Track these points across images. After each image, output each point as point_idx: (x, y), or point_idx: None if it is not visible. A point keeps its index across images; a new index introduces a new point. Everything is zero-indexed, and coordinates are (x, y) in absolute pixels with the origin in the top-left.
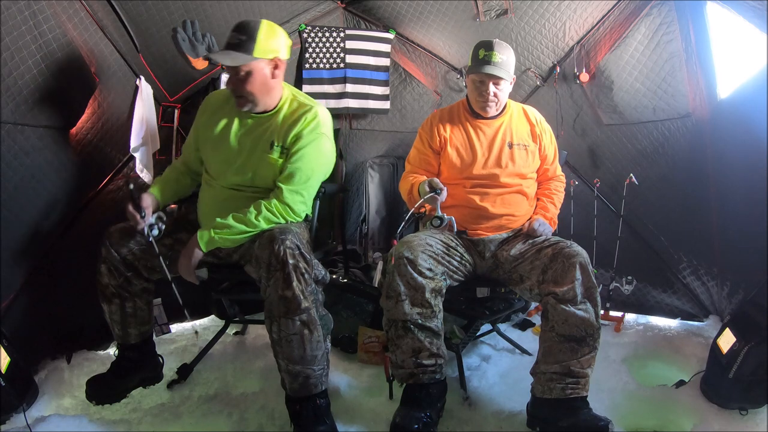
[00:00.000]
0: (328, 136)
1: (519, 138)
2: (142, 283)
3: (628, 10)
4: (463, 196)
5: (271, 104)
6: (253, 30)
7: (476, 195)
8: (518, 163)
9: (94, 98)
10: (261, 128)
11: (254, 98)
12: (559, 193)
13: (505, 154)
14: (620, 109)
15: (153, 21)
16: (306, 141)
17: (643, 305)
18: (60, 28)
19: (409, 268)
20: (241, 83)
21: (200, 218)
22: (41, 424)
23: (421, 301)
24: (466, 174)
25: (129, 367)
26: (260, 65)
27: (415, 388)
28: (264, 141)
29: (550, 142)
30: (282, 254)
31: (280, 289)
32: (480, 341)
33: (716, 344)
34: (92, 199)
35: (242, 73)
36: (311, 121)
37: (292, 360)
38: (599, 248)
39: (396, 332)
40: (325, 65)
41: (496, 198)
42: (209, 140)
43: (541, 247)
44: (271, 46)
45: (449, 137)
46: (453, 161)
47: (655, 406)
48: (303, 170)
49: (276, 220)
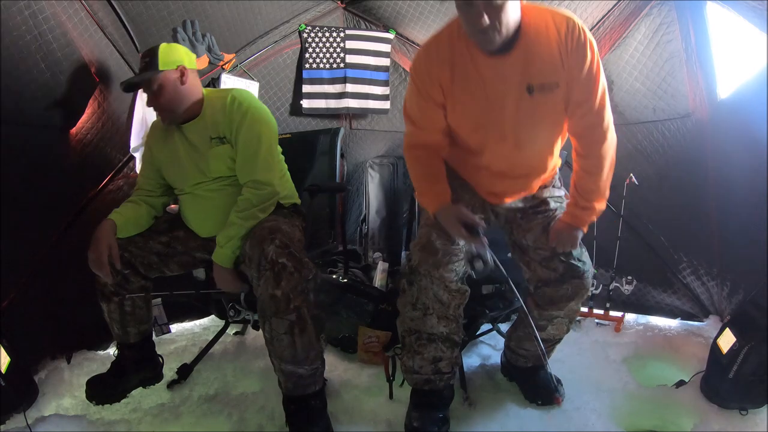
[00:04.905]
0: (255, 105)
1: (542, 75)
2: (139, 281)
3: (628, 10)
4: (472, 159)
5: (194, 110)
6: (154, 50)
7: (488, 158)
8: (541, 115)
9: (94, 98)
10: (196, 132)
11: (171, 108)
12: (600, 171)
13: (524, 105)
14: (620, 109)
15: (153, 21)
16: (237, 119)
17: (643, 305)
18: (60, 28)
19: (438, 287)
20: (157, 97)
21: (189, 225)
22: (41, 424)
23: (448, 315)
24: (472, 134)
25: (129, 367)
26: (167, 76)
27: (429, 392)
28: (203, 140)
29: (583, 65)
30: (271, 254)
31: (270, 288)
32: (480, 341)
33: (716, 344)
34: (92, 199)
35: (155, 88)
36: (232, 102)
37: (284, 359)
38: (599, 248)
39: (419, 341)
40: (325, 65)
41: (514, 161)
42: (164, 160)
43: (554, 256)
44: (171, 58)
45: (451, 87)
46: (456, 120)
47: (655, 406)
48: (248, 142)
49: (253, 201)
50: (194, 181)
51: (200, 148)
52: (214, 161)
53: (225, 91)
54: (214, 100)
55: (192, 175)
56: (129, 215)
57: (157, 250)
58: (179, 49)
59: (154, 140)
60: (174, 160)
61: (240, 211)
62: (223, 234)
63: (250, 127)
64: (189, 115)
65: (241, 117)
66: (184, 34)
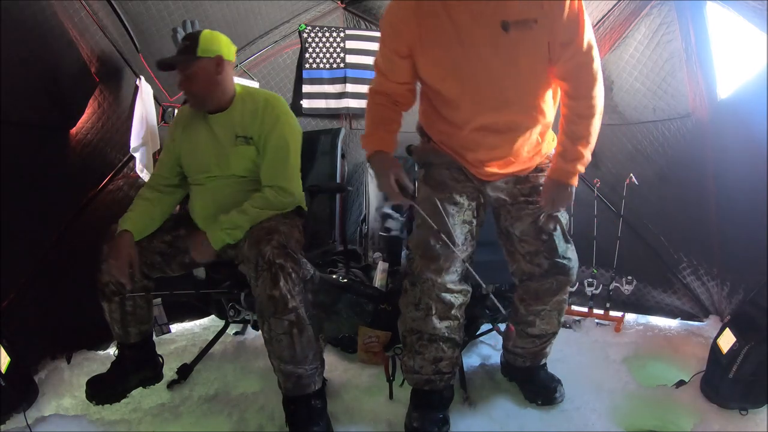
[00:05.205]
0: (287, 112)
1: (518, 11)
2: (141, 281)
3: (628, 10)
4: (451, 116)
5: (224, 102)
6: (195, 35)
7: (467, 111)
8: (519, 54)
9: (94, 98)
10: (222, 125)
11: (202, 96)
12: (592, 115)
13: (500, 43)
14: (620, 109)
15: (153, 21)
16: (269, 125)
17: (643, 305)
18: (60, 28)
19: (439, 291)
20: (190, 82)
21: (193, 216)
22: (41, 424)
23: (450, 315)
24: (447, 86)
25: (129, 367)
26: (204, 64)
27: (429, 392)
28: (228, 135)
29: (564, 3)
30: (268, 254)
31: (268, 289)
32: (480, 341)
33: (716, 344)
34: (92, 199)
35: (189, 73)
36: (265, 106)
37: (283, 359)
38: (599, 248)
39: (420, 341)
40: (325, 65)
41: (495, 112)
42: (185, 146)
43: (539, 252)
44: (211, 47)
45: (419, 42)
46: (429, 74)
47: (655, 406)
48: (277, 150)
49: (273, 203)
50: (209, 173)
51: (223, 141)
52: (235, 159)
53: (259, 92)
54: (246, 97)
55: (209, 166)
56: (143, 221)
57: (161, 250)
58: (221, 39)
59: (178, 125)
60: (194, 147)
61: (256, 206)
62: (228, 218)
63: (281, 133)
64: (218, 106)
65: (273, 122)
66: (184, 34)
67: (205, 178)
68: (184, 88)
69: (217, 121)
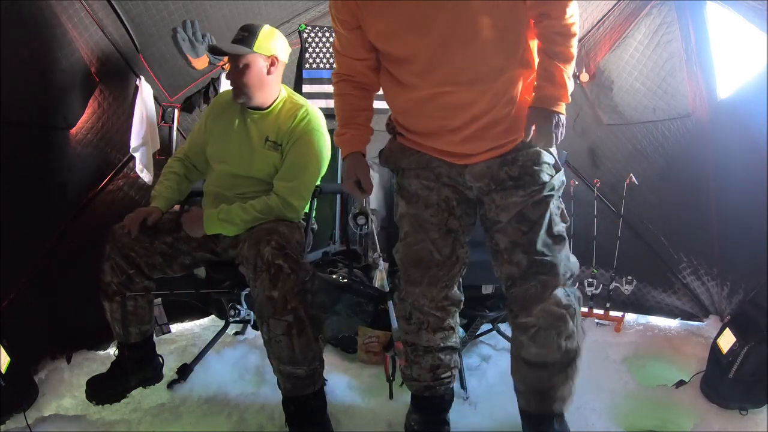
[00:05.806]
0: (320, 132)
1: None
2: (143, 281)
3: (628, 10)
4: (407, 78)
5: (267, 101)
6: (255, 29)
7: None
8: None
9: (94, 98)
10: (257, 124)
11: (249, 90)
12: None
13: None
14: (620, 109)
15: (153, 21)
16: (298, 136)
17: (643, 305)
18: (60, 28)
19: (429, 308)
20: (239, 74)
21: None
22: (41, 424)
23: (443, 326)
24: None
25: (129, 367)
26: (257, 59)
27: (429, 396)
28: (259, 136)
29: None
30: (267, 255)
31: (267, 289)
32: (480, 341)
33: (716, 344)
34: (92, 199)
35: (241, 65)
36: (303, 118)
37: (282, 360)
38: (599, 248)
39: (415, 352)
40: (325, 65)
41: (452, 62)
42: (215, 133)
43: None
44: (269, 45)
45: (365, 5)
46: (379, 35)
47: (655, 406)
48: (297, 164)
49: (275, 213)
50: (230, 168)
51: (253, 141)
52: (259, 162)
53: (303, 103)
54: (288, 104)
55: (232, 159)
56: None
57: (162, 251)
58: (279, 39)
59: (213, 111)
60: (224, 136)
61: (257, 210)
62: (228, 210)
63: (305, 150)
64: (259, 104)
65: (301, 134)
66: (184, 34)
67: (224, 168)
68: (231, 78)
69: (254, 119)
